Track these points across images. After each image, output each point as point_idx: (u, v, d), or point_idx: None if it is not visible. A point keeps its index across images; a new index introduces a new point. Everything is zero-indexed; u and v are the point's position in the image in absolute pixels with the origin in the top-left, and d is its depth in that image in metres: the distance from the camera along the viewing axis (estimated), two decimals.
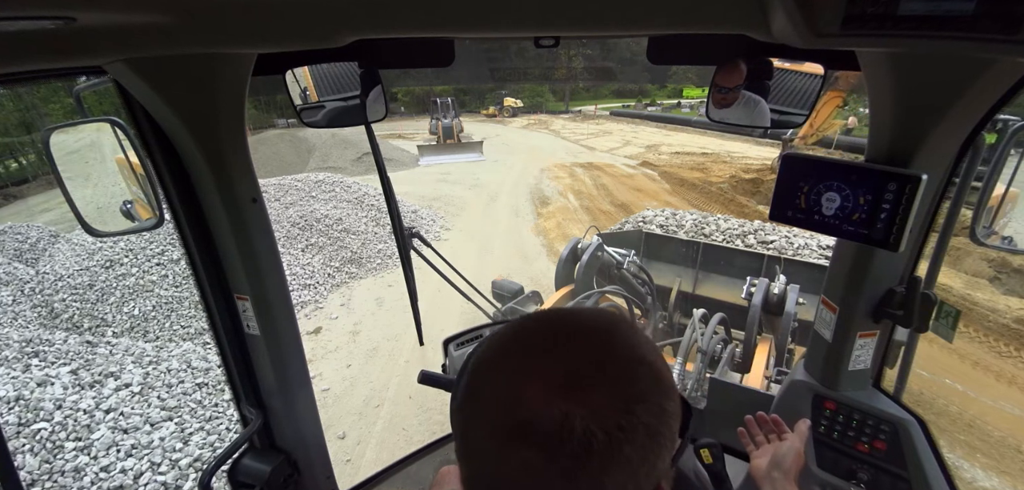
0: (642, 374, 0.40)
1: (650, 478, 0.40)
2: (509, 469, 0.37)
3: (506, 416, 0.38)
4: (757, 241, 5.72)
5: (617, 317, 0.46)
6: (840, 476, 1.20)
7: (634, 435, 0.37)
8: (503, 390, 0.40)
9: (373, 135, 1.62)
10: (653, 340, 0.47)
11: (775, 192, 0.99)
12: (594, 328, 0.43)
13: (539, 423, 0.36)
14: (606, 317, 0.45)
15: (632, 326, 0.45)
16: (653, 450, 0.39)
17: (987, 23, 0.48)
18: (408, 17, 0.73)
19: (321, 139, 16.95)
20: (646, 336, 0.46)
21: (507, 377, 0.40)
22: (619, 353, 0.41)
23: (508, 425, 0.37)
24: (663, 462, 0.41)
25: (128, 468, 3.20)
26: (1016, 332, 5.55)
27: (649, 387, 0.40)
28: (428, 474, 1.57)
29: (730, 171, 14.56)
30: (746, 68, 0.92)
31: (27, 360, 3.83)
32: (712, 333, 2.93)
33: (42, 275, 6.19)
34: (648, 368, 0.41)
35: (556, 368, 0.39)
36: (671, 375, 0.44)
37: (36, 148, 17.53)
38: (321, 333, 5.93)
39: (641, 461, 0.38)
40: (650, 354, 0.42)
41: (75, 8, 0.56)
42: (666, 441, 0.41)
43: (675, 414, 0.42)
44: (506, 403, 0.38)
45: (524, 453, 0.36)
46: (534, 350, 0.41)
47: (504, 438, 0.37)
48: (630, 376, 0.40)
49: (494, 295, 4.32)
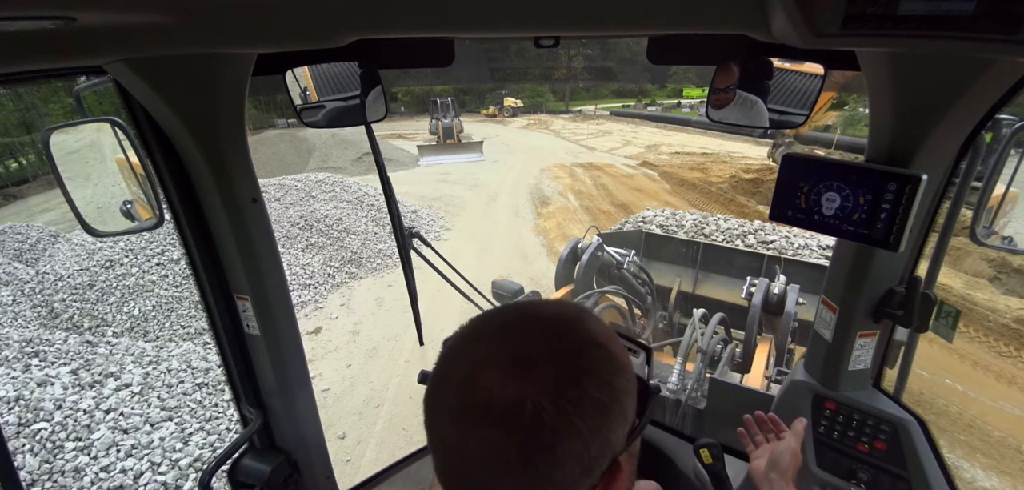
0: (591, 353, 0.43)
1: (604, 452, 0.43)
2: (471, 448, 0.41)
3: (465, 399, 0.41)
4: (757, 241, 5.72)
5: (572, 306, 0.49)
6: (840, 476, 1.20)
7: (582, 407, 0.40)
8: (463, 375, 0.43)
9: (373, 135, 1.62)
10: (609, 327, 0.49)
11: (775, 192, 0.99)
12: (547, 315, 0.46)
13: (494, 402, 0.40)
14: (561, 306, 0.48)
15: (585, 313, 0.48)
16: (604, 423, 0.42)
17: (987, 23, 0.48)
18: (408, 17, 0.73)
19: (321, 139, 16.95)
20: (601, 322, 0.48)
21: (467, 364, 0.43)
22: (569, 335, 0.44)
23: (467, 407, 0.41)
24: (616, 437, 0.44)
25: (128, 468, 3.20)
26: (1016, 332, 5.55)
27: (598, 365, 0.43)
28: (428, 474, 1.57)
29: (730, 171, 14.55)
30: (738, 69, 0.92)
31: (27, 360, 3.83)
32: (712, 333, 2.92)
33: (42, 275, 6.19)
34: (599, 349, 0.44)
35: (509, 351, 0.42)
36: (627, 358, 0.47)
37: (36, 148, 17.53)
38: (321, 333, 5.93)
39: (592, 433, 0.41)
40: (602, 338, 0.45)
41: (75, 8, 0.56)
42: (617, 416, 0.43)
43: (627, 391, 0.45)
44: (465, 387, 0.42)
45: (483, 432, 0.40)
46: (491, 337, 0.45)
47: (465, 420, 0.41)
48: (578, 354, 0.43)
49: (494, 295, 4.31)
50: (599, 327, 0.47)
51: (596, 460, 0.42)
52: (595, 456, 0.42)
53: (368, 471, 1.78)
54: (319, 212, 8.41)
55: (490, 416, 0.40)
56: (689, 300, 4.65)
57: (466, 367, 0.43)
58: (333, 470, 1.51)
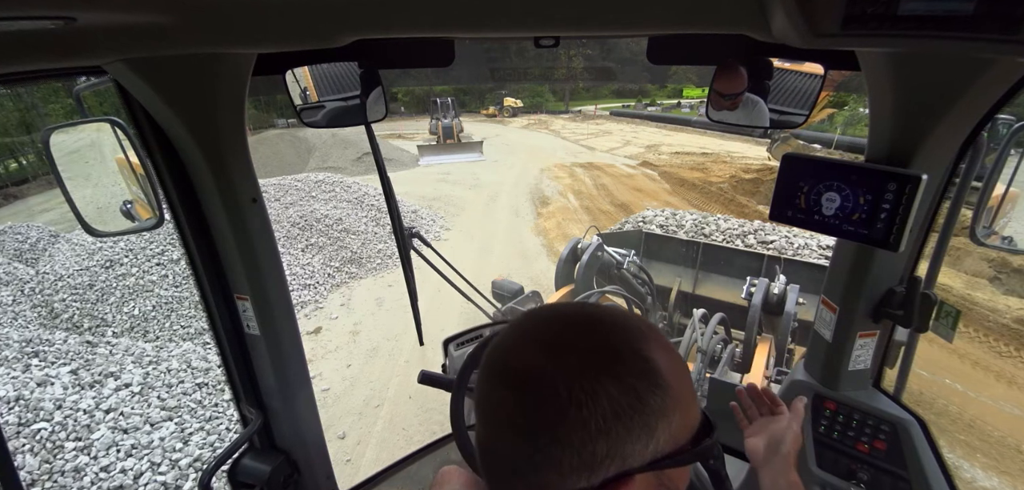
0: (629, 361, 0.42)
1: (612, 458, 0.40)
2: (491, 405, 0.44)
3: (496, 363, 0.45)
4: (757, 241, 5.72)
5: (647, 325, 0.47)
6: (840, 476, 1.20)
7: (595, 402, 0.39)
8: (509, 344, 0.46)
9: (373, 135, 1.62)
10: (675, 357, 0.45)
11: (775, 192, 0.99)
12: (611, 322, 0.45)
13: (517, 369, 0.42)
14: (633, 320, 0.46)
15: (654, 338, 0.45)
16: (617, 429, 0.40)
17: (987, 23, 0.48)
18: (408, 17, 0.73)
19: (321, 139, 16.95)
20: (667, 346, 0.45)
21: (515, 337, 0.46)
22: (612, 336, 0.43)
23: (497, 369, 0.45)
24: (632, 450, 0.41)
25: (128, 468, 3.20)
26: (1016, 332, 5.55)
27: (631, 373, 0.41)
28: (428, 474, 1.57)
29: (730, 171, 14.55)
30: (746, 74, 0.92)
31: (27, 360, 3.83)
32: (712, 333, 2.92)
33: (42, 275, 6.19)
34: (642, 362, 0.42)
35: (547, 334, 0.44)
36: (677, 384, 0.43)
37: (36, 148, 17.53)
38: (321, 333, 5.93)
39: (600, 432, 0.39)
40: (648, 349, 0.43)
41: (75, 8, 0.56)
42: (638, 430, 0.40)
43: (661, 413, 0.41)
44: (501, 355, 0.45)
45: (502, 391, 0.43)
46: (537, 321, 0.47)
47: (492, 379, 0.45)
48: (613, 354, 0.42)
49: (494, 295, 4.32)
50: (658, 351, 0.43)
51: (601, 462, 0.40)
52: (600, 458, 0.40)
53: (368, 471, 1.78)
54: (319, 212, 8.41)
55: (511, 377, 0.42)
56: (689, 300, 4.65)
57: (516, 338, 0.45)
58: (333, 470, 1.51)
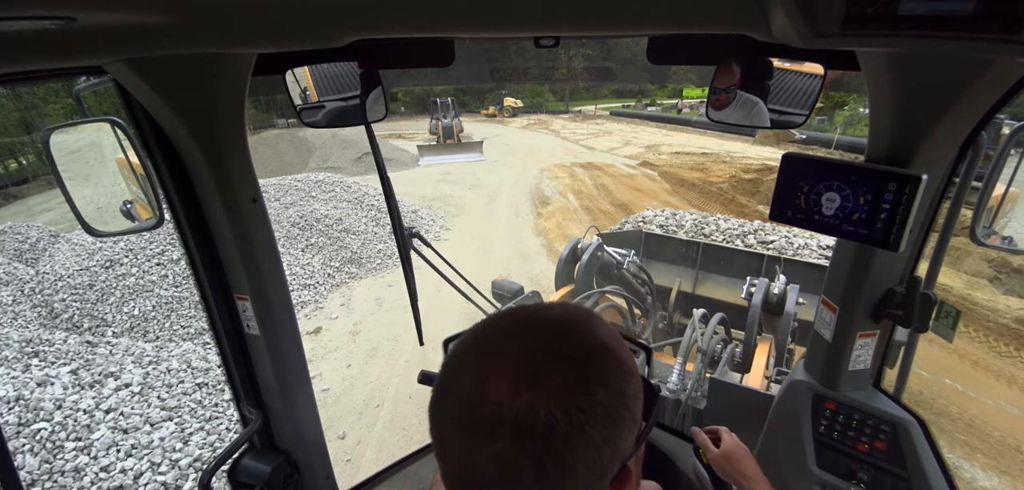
0: (601, 360, 0.42)
1: (615, 458, 0.42)
2: (481, 461, 0.39)
3: (474, 412, 0.40)
4: (757, 241, 5.72)
5: (579, 309, 0.48)
6: (840, 476, 1.20)
7: (594, 415, 0.39)
8: (469, 387, 0.41)
9: (373, 135, 1.62)
10: (615, 330, 0.48)
11: (775, 192, 0.99)
12: (554, 319, 0.45)
13: (504, 414, 0.38)
14: (567, 309, 0.47)
15: (593, 316, 0.47)
16: (615, 430, 0.41)
17: (987, 23, 0.48)
18: (408, 17, 0.73)
19: (321, 139, 16.95)
20: (608, 325, 0.47)
21: (472, 374, 0.42)
22: (577, 340, 0.43)
23: (476, 419, 0.39)
24: (626, 442, 0.43)
25: (128, 468, 3.20)
26: (1016, 332, 5.55)
27: (608, 370, 0.42)
28: (428, 474, 1.57)
29: (730, 171, 14.55)
30: (738, 68, 0.92)
31: (27, 360, 3.83)
32: (712, 333, 2.92)
33: (42, 275, 6.19)
34: (608, 354, 0.43)
35: (517, 359, 0.41)
36: (633, 361, 0.46)
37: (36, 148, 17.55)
38: (321, 333, 5.93)
39: (604, 440, 0.40)
40: (610, 341, 0.44)
41: (75, 8, 0.56)
42: (628, 422, 0.43)
43: (636, 396, 0.44)
44: (473, 399, 0.40)
45: (494, 446, 0.38)
46: (496, 345, 0.43)
47: (474, 433, 0.39)
48: (588, 360, 0.42)
49: (494, 295, 4.32)
50: (606, 331, 0.46)
51: (607, 466, 0.41)
52: (607, 463, 0.41)
53: (368, 471, 1.78)
54: (319, 212, 8.41)
55: (500, 428, 0.38)
56: (689, 300, 4.65)
57: (472, 377, 0.42)
58: (333, 470, 1.51)
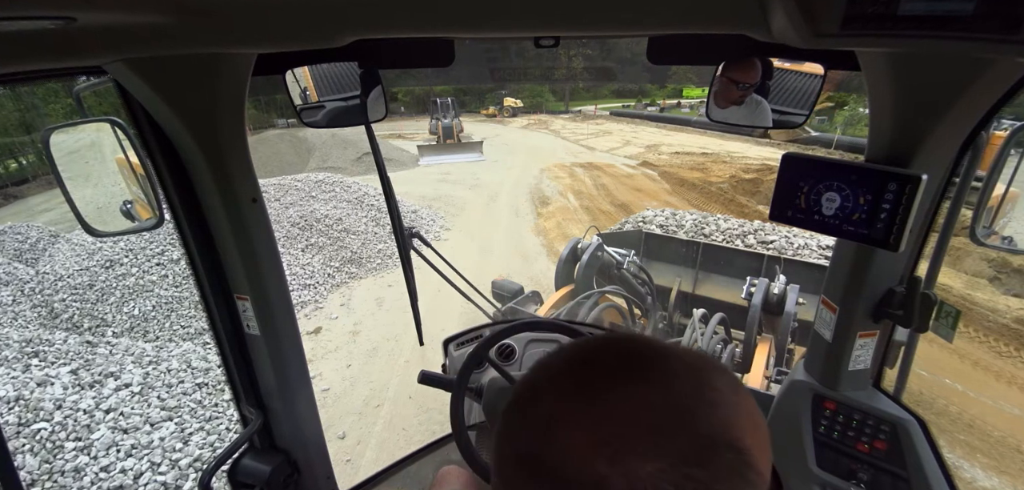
0: (721, 460, 0.31)
1: None
2: None
3: (536, 447, 0.33)
4: (757, 241, 5.71)
5: (701, 370, 0.35)
6: (840, 476, 1.20)
7: None
8: (542, 418, 0.34)
9: (373, 135, 1.62)
10: (750, 409, 0.35)
11: (775, 192, 0.98)
12: (659, 377, 0.34)
13: (570, 473, 0.31)
14: (693, 362, 0.36)
15: (720, 389, 0.34)
16: None
17: (987, 23, 0.48)
18: (408, 17, 0.73)
19: (321, 139, 16.95)
20: (742, 402, 0.35)
21: (549, 404, 0.35)
22: (698, 423, 0.32)
23: (537, 457, 0.33)
24: None
25: (128, 468, 3.20)
26: (1016, 332, 5.54)
27: (725, 475, 0.31)
28: (428, 474, 1.57)
29: (730, 171, 14.54)
30: (760, 65, 0.92)
31: (27, 360, 3.83)
32: (712, 333, 2.93)
33: (42, 275, 6.19)
34: (733, 455, 0.32)
35: (607, 421, 0.32)
36: (767, 458, 0.35)
37: (36, 148, 17.54)
38: (321, 333, 5.92)
39: None
40: (740, 433, 0.33)
41: (75, 8, 0.56)
42: None
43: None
44: (541, 435, 0.33)
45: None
46: (588, 388, 0.34)
47: (532, 472, 0.33)
48: (702, 459, 0.31)
49: (494, 295, 4.33)
50: (734, 414, 0.33)
51: None
52: None
53: (368, 471, 1.78)
54: (319, 212, 8.41)
55: (558, 484, 0.31)
56: (689, 300, 4.65)
57: (548, 406, 0.35)
58: (333, 470, 1.51)
